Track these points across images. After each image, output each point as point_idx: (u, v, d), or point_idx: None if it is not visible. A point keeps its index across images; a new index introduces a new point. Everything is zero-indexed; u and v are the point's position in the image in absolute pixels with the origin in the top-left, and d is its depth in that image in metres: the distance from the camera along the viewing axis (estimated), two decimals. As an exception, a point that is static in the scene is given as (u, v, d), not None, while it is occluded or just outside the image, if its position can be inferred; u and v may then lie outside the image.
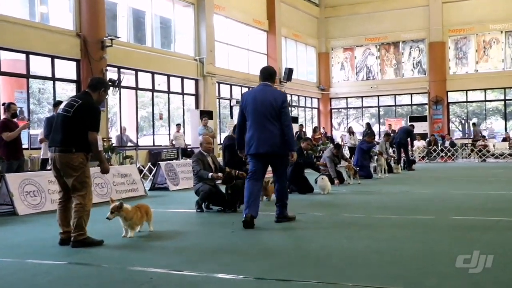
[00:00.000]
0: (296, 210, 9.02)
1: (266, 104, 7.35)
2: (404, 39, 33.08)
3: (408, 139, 20.75)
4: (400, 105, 34.46)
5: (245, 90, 27.24)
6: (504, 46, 30.82)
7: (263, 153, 7.35)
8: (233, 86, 26.24)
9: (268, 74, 7.62)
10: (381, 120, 34.41)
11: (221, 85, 25.29)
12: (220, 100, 25.42)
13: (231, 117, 25.44)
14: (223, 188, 9.23)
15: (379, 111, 34.57)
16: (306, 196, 11.31)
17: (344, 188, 13.00)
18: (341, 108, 36.17)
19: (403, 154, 21.75)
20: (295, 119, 29.65)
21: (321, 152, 23.05)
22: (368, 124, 25.48)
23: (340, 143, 21.77)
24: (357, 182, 14.21)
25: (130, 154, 17.42)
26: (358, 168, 14.87)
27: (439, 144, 27.47)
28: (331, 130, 34.94)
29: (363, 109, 34.72)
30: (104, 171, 6.33)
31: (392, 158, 19.03)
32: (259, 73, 7.68)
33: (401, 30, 32.97)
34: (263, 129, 7.34)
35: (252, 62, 28.05)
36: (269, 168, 7.57)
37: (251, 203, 7.22)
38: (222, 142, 12.78)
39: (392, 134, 22.68)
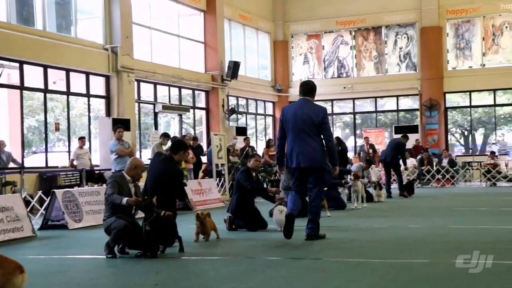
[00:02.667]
0: (244, 253, 9.04)
1: (306, 120, 10.05)
2: (388, 23, 33.90)
3: (399, 156, 21.14)
4: (383, 111, 35.22)
5: (175, 90, 27.29)
6: (519, 33, 32.04)
7: (304, 168, 10.07)
8: (158, 86, 26.18)
9: (309, 89, 10.45)
10: (358, 132, 35.05)
11: (141, 84, 25.20)
12: (141, 104, 25.31)
13: (156, 128, 25.37)
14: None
15: (354, 119, 35.20)
16: (257, 234, 11.36)
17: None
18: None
19: (393, 176, 22.20)
20: (242, 130, 29.87)
21: (278, 175, 23.23)
22: (337, 139, 25.77)
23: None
24: (327, 215, 14.37)
25: (11, 179, 17.09)
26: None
27: (434, 163, 28.15)
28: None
29: (334, 116, 35.24)
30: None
31: (375, 183, 19.35)
32: (299, 87, 10.54)
33: (384, 11, 33.80)
34: (304, 144, 10.03)
35: (184, 53, 28.12)
36: (209, 197, 8.24)
37: (294, 206, 10.10)
38: (150, 159, 12.70)
39: (370, 157, 23.11)
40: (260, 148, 30.95)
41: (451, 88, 32.64)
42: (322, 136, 10.12)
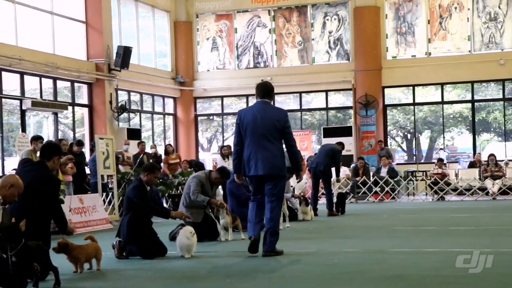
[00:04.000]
0: (137, 287, 8.99)
1: (267, 124, 11.28)
2: (314, 1, 34.32)
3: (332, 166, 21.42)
4: (309, 110, 35.64)
5: (48, 82, 26.89)
6: (472, 15, 32.87)
7: (263, 175, 11.28)
8: (26, 76, 25.73)
9: (267, 90, 11.71)
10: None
11: (3, 73, 24.75)
12: (3, 100, 24.82)
13: (23, 130, 24.90)
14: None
15: (276, 119, 35.36)
16: (154, 263, 11.32)
17: (219, 246, 13.19)
18: (213, 115, 36.68)
19: (321, 189, 22.45)
20: (136, 133, 29.70)
21: (179, 188, 23.18)
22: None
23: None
24: (240, 237, 14.45)
25: None
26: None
27: (371, 173, 28.67)
28: (197, 150, 35.31)
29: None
30: None
31: (300, 198, 19.49)
32: (255, 89, 11.68)
33: (310, -13, 34.21)
34: (263, 150, 11.24)
35: (60, 36, 27.72)
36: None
37: (256, 225, 11.34)
38: (14, 169, 12.48)
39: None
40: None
41: (391, 81, 33.35)
42: (283, 141, 11.48)
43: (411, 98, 33.78)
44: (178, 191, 22.97)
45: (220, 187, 18.48)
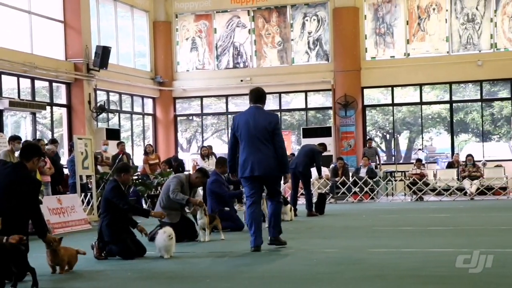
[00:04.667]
0: (116, 287, 8.97)
1: (259, 127, 12.25)
2: (294, 2, 34.34)
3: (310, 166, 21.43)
4: (289, 110, 35.68)
5: (26, 81, 26.75)
6: (450, 16, 33.00)
7: (258, 176, 12.25)
8: (3, 76, 25.59)
9: (259, 95, 12.71)
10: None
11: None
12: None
13: (1, 130, 24.76)
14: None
15: (255, 119, 35.40)
16: (133, 263, 11.30)
17: (198, 247, 13.24)
18: (192, 115, 36.65)
19: (300, 189, 22.49)
20: (115, 133, 29.65)
21: (158, 188, 23.15)
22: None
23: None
24: (220, 237, 14.51)
25: None
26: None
27: (350, 174, 28.74)
28: (176, 151, 35.27)
29: (229, 116, 35.40)
30: None
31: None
32: (249, 95, 12.75)
33: (289, -13, 34.29)
34: (257, 152, 12.23)
35: (38, 35, 27.60)
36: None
37: (256, 230, 12.20)
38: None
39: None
40: (139, 155, 30.82)
41: (369, 82, 33.39)
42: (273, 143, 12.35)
43: (390, 98, 33.86)
44: (158, 191, 22.92)
45: (199, 188, 18.54)
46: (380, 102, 34.53)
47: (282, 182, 13.03)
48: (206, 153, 26.64)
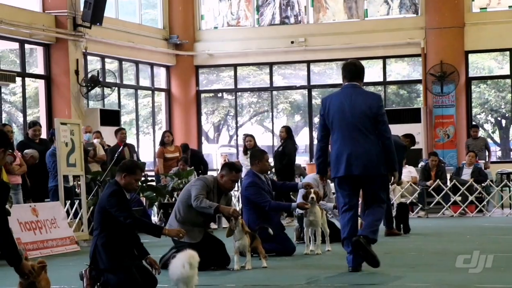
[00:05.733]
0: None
1: (357, 113, 12.71)
2: None
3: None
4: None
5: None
6: None
7: (357, 176, 12.79)
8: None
9: (356, 71, 13.07)
10: (316, 119, 35.35)
11: None
12: None
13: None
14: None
15: (310, 96, 35.59)
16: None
17: (231, 277, 13.28)
18: (222, 91, 36.71)
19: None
20: (113, 116, 29.78)
21: (174, 195, 23.24)
22: (286, 129, 26.10)
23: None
24: (262, 265, 14.54)
25: None
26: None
27: (447, 176, 28.62)
28: (199, 141, 35.34)
29: (274, 93, 35.47)
30: None
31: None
32: (342, 70, 13.21)
33: None
34: (355, 144, 12.69)
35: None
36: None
37: (351, 230, 12.88)
38: None
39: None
40: (147, 147, 30.91)
41: (477, 44, 33.28)
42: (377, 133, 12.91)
43: (507, 67, 33.65)
44: (173, 199, 23.03)
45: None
46: (493, 73, 34.26)
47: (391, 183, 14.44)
48: (252, 144, 26.22)
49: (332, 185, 20.99)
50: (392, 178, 13.50)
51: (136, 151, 27.64)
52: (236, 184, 16.22)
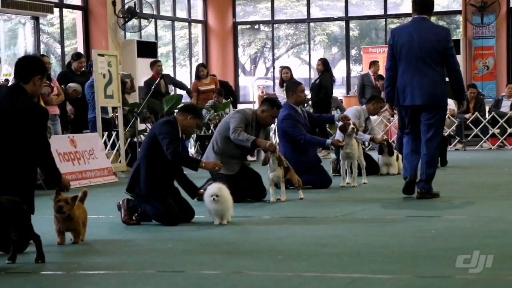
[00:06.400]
0: (154, 263, 9.15)
1: (426, 45, 13.56)
2: None
3: None
4: (396, 16, 35.30)
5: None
6: None
7: (420, 106, 13.69)
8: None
9: (426, 4, 13.83)
10: (354, 52, 35.29)
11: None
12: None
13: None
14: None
15: (348, 29, 35.54)
16: (177, 231, 11.43)
17: (266, 209, 13.35)
18: (259, 22, 36.64)
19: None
20: (150, 48, 29.80)
21: (210, 127, 23.30)
22: (323, 61, 26.12)
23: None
24: (299, 196, 14.60)
25: None
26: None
27: (486, 108, 28.49)
28: (236, 74, 35.32)
29: (311, 24, 35.38)
30: None
31: (383, 142, 19.44)
32: (412, 2, 13.91)
33: None
34: (421, 76, 13.57)
35: None
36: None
37: (411, 163, 13.97)
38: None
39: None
40: (184, 79, 30.93)
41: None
42: (445, 65, 13.84)
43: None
44: (209, 132, 23.08)
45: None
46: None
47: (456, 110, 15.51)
48: (288, 77, 26.31)
49: (373, 118, 21.21)
50: (461, 106, 15.16)
51: (172, 79, 27.67)
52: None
